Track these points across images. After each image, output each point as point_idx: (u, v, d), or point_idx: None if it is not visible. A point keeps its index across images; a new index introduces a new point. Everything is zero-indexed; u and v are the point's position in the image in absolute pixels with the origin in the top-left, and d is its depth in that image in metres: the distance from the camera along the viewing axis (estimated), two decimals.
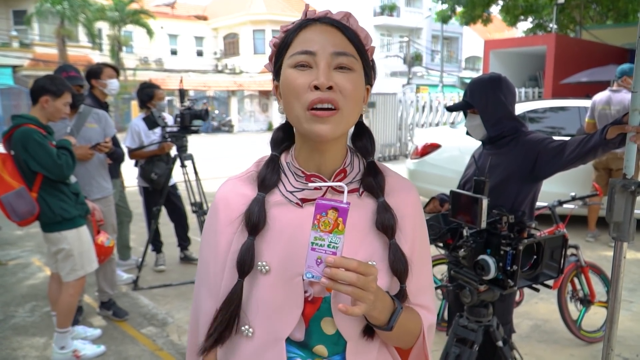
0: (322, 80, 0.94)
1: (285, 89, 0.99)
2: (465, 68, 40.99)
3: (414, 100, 14.96)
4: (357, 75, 0.99)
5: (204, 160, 11.58)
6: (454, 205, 2.15)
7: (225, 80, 32.85)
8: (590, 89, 8.64)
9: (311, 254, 0.90)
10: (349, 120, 1.00)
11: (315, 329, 1.04)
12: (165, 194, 4.85)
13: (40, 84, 3.22)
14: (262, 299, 1.03)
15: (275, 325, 1.03)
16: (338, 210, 0.88)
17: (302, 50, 0.97)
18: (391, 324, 0.99)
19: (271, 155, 1.10)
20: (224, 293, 1.05)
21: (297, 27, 1.00)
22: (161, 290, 4.67)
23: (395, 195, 1.09)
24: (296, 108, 0.98)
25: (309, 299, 1.03)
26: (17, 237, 6.47)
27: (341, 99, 0.96)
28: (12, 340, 3.70)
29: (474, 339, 2.25)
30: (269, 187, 1.06)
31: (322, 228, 0.89)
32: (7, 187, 3.11)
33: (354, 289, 0.88)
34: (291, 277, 1.01)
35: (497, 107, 2.41)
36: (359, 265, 0.88)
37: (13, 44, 25.93)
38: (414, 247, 1.09)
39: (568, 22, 18.52)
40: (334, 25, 0.99)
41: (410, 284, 1.08)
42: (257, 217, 1.03)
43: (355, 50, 1.00)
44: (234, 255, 1.03)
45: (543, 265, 2.07)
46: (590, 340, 3.68)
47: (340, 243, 0.89)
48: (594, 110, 5.93)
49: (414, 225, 1.10)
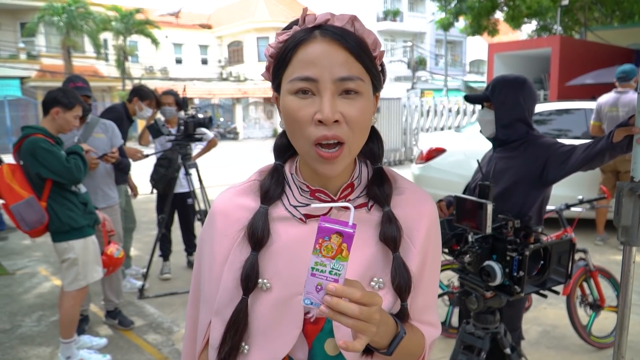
0: (327, 114, 0.87)
1: (287, 118, 0.93)
2: (469, 72, 40.95)
3: (418, 105, 14.95)
4: (365, 97, 0.92)
5: (210, 167, 11.59)
6: (458, 210, 2.13)
7: (229, 88, 32.96)
8: (596, 91, 8.59)
9: (311, 279, 0.82)
10: (356, 149, 0.95)
11: (319, 350, 0.99)
12: (169, 202, 4.85)
13: (52, 95, 3.27)
14: (260, 317, 0.99)
15: (273, 344, 0.98)
16: (342, 235, 0.81)
17: (302, 77, 0.88)
18: (391, 349, 0.93)
19: (275, 165, 1.05)
20: (222, 303, 1.01)
21: (295, 43, 0.90)
22: (167, 299, 4.66)
23: (410, 207, 1.03)
24: (300, 142, 0.93)
25: (311, 320, 0.98)
26: (24, 247, 6.49)
27: (347, 131, 0.90)
28: (18, 350, 3.69)
29: (481, 346, 2.22)
30: (272, 200, 1.01)
31: (324, 253, 0.81)
32: (16, 196, 3.14)
33: (355, 321, 0.81)
34: (291, 295, 0.97)
35: (513, 108, 2.38)
36: (362, 296, 0.81)
37: (20, 56, 26.16)
38: (426, 261, 1.03)
39: (573, 24, 18.46)
40: (337, 39, 0.88)
41: (418, 300, 1.02)
42: (262, 231, 0.98)
43: (362, 66, 0.90)
44: (232, 267, 1.00)
45: (550, 271, 2.05)
46: (601, 345, 3.62)
47: (343, 270, 0.82)
48: (600, 112, 5.88)
49: (428, 239, 1.04)
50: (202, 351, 1.09)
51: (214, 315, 1.03)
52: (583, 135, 6.46)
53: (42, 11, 24.00)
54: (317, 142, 0.90)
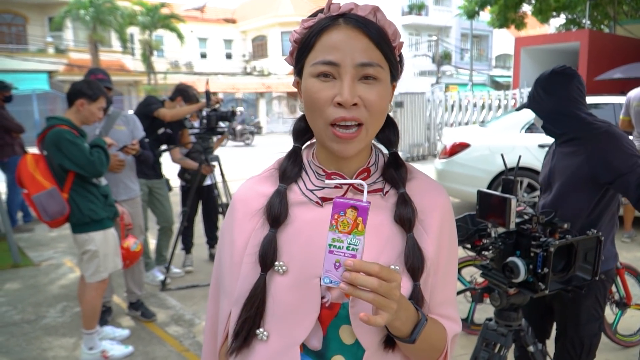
0: (347, 97, 0.90)
1: (307, 99, 0.95)
2: (495, 66, 40.37)
3: (442, 100, 14.77)
4: (383, 84, 0.95)
5: (232, 161, 11.65)
6: (482, 205, 2.08)
7: (253, 82, 33.10)
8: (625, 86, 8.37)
9: (329, 256, 0.83)
10: (373, 132, 0.97)
11: (334, 337, 0.98)
12: (191, 195, 4.87)
13: (77, 87, 3.30)
14: (278, 301, 0.98)
15: (291, 329, 0.97)
16: (357, 209, 0.82)
17: (325, 61, 0.92)
18: (414, 336, 0.93)
19: (293, 147, 1.07)
20: (243, 290, 1.00)
21: (320, 28, 0.94)
22: (188, 292, 4.69)
23: (424, 196, 1.04)
24: (318, 122, 0.95)
25: (326, 304, 0.97)
26: (50, 239, 6.60)
27: (365, 114, 0.92)
28: (42, 340, 3.76)
29: (503, 343, 2.18)
30: (290, 179, 1.03)
31: (340, 229, 0.82)
32: (39, 186, 3.18)
33: (375, 296, 0.82)
34: (308, 279, 0.96)
35: (558, 100, 2.24)
36: (380, 269, 0.82)
37: (49, 50, 26.64)
38: (441, 253, 1.03)
39: (602, 18, 18.04)
40: (359, 27, 0.92)
41: (437, 294, 1.02)
42: (279, 208, 0.99)
43: (382, 53, 0.94)
44: (253, 250, 1.00)
45: (576, 268, 1.99)
46: (627, 344, 3.55)
47: (360, 245, 0.82)
48: (629, 107, 5.73)
49: (442, 229, 1.03)
50: (222, 344, 1.08)
51: (234, 305, 1.02)
52: None
53: (69, 5, 24.39)
54: (334, 123, 0.92)
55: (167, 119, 4.61)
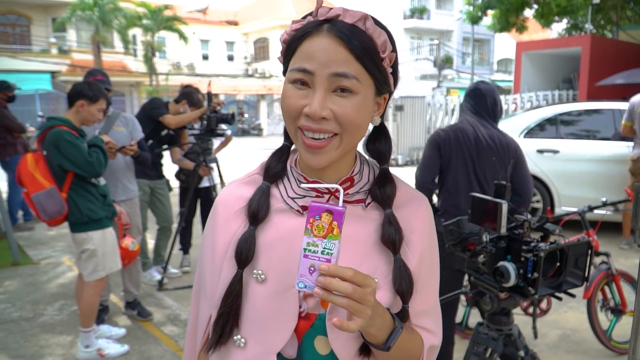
0: (315, 108, 0.88)
1: (282, 104, 0.95)
2: (497, 70, 40.38)
3: (442, 103, 14.80)
4: (361, 97, 0.91)
5: (233, 163, 11.67)
6: (474, 210, 2.10)
7: (255, 84, 33.14)
8: (627, 91, 8.40)
9: (304, 261, 0.82)
10: (349, 143, 0.94)
11: (308, 347, 0.97)
12: (189, 196, 4.89)
13: (77, 88, 3.33)
14: (256, 309, 0.98)
15: (268, 337, 0.97)
16: (333, 213, 0.82)
17: (300, 68, 0.90)
18: (389, 343, 0.91)
19: (282, 145, 1.06)
20: (222, 291, 0.99)
21: (302, 34, 0.91)
22: (185, 292, 4.70)
23: (405, 208, 1.02)
24: (290, 129, 0.95)
25: (302, 314, 0.97)
26: (49, 238, 6.63)
27: (336, 127, 0.90)
28: (39, 338, 3.78)
29: (494, 347, 2.19)
30: (273, 178, 1.02)
31: (315, 233, 0.82)
32: (38, 186, 3.20)
33: (349, 301, 0.80)
34: (287, 288, 0.95)
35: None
36: (355, 274, 0.80)
37: (52, 51, 26.71)
38: (422, 264, 1.02)
39: (605, 23, 18.05)
40: (340, 37, 0.88)
41: (415, 304, 1.00)
42: (258, 205, 0.98)
43: (363, 66, 0.90)
44: (232, 255, 0.99)
45: (567, 273, 2.00)
46: (621, 351, 3.55)
47: (335, 249, 0.81)
48: (633, 112, 5.71)
49: (422, 240, 1.03)
50: (202, 348, 1.07)
51: (214, 308, 1.01)
52: (613, 137, 6.31)
53: (73, 6, 24.47)
54: (302, 128, 0.92)
55: (171, 127, 4.66)
